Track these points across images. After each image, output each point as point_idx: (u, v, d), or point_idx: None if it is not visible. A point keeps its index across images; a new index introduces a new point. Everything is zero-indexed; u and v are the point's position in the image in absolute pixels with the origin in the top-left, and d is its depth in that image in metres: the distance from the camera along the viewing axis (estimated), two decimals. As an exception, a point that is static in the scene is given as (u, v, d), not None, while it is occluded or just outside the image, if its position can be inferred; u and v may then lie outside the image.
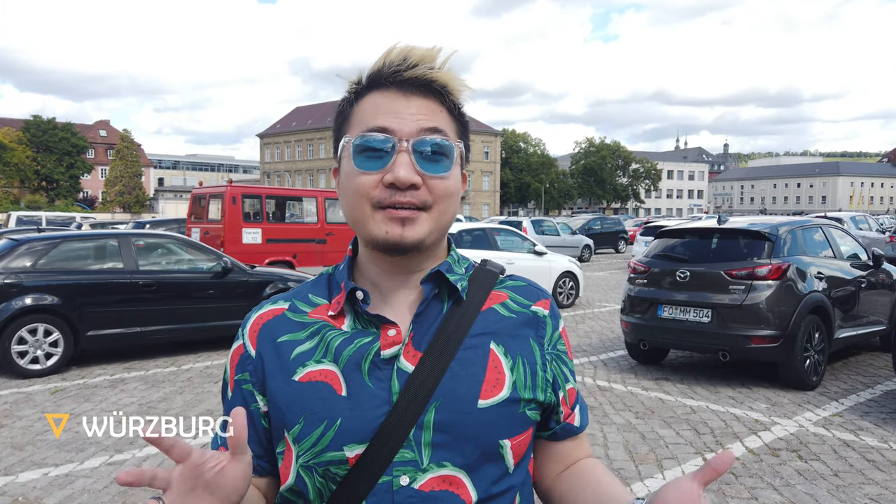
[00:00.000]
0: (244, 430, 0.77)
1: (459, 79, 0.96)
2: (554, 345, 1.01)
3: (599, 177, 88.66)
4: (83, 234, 8.44)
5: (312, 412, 0.91)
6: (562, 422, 1.03)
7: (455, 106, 0.97)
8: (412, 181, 0.89)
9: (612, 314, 11.41)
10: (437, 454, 0.89)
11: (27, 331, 6.97)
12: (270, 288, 8.49)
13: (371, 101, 0.94)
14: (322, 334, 0.95)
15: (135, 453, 4.75)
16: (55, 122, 71.60)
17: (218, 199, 12.91)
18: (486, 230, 12.30)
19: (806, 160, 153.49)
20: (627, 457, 4.67)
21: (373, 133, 0.91)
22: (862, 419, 5.47)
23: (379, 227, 0.91)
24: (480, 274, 1.02)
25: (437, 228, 0.93)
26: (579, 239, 24.18)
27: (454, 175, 0.94)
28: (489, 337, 0.96)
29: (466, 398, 0.91)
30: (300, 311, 0.99)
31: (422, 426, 0.89)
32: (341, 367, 0.92)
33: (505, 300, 1.01)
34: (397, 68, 0.93)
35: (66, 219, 27.13)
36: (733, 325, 6.33)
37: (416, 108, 0.92)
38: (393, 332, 0.93)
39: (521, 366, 0.96)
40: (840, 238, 7.61)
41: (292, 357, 0.95)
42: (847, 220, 18.63)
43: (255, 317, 1.01)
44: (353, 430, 0.89)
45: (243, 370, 0.98)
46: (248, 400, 0.97)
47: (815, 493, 4.04)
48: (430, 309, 0.96)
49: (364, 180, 0.91)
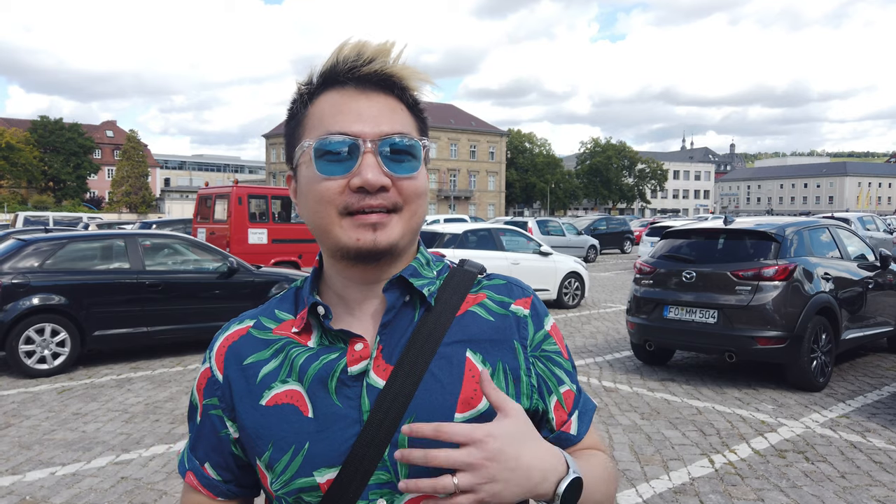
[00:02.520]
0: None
1: (419, 72, 0.90)
2: (538, 345, 0.94)
3: (605, 177, 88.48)
4: (90, 235, 8.47)
5: (280, 437, 0.86)
6: (556, 430, 0.95)
7: (415, 102, 0.91)
8: (381, 183, 0.83)
9: (618, 315, 11.38)
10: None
11: (34, 331, 7.00)
12: (276, 288, 8.52)
13: (328, 100, 0.88)
14: (286, 352, 0.90)
15: (141, 453, 4.77)
16: (62, 123, 71.81)
17: (224, 200, 12.95)
18: (492, 230, 12.28)
19: (813, 160, 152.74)
20: (633, 458, 4.65)
21: (334, 135, 0.85)
22: (869, 421, 5.44)
23: (348, 234, 0.85)
24: (456, 276, 0.95)
25: (409, 230, 0.88)
26: (585, 239, 24.12)
27: (422, 174, 0.89)
28: (465, 345, 0.90)
29: (442, 412, 0.85)
30: (265, 327, 0.94)
31: (396, 444, 0.83)
32: (306, 386, 0.87)
33: (483, 300, 0.94)
34: (353, 64, 0.87)
35: (72, 219, 27.19)
36: (739, 326, 6.31)
37: (377, 106, 0.87)
38: (360, 346, 0.87)
39: (502, 373, 0.90)
40: (847, 239, 7.58)
41: (259, 380, 0.90)
42: (854, 220, 18.51)
43: (221, 338, 0.96)
44: (322, 454, 0.84)
45: (211, 395, 0.93)
46: (217, 426, 0.93)
47: (822, 494, 4.02)
48: (400, 318, 0.90)
49: (328, 186, 0.84)
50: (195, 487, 0.95)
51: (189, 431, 0.98)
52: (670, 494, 4.05)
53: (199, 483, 0.94)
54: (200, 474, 0.94)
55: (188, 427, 0.98)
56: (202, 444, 0.95)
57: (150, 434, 5.19)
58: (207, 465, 0.94)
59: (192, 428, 0.97)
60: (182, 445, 4.89)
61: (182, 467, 0.97)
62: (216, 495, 0.94)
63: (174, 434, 5.20)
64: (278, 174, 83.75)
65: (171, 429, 5.33)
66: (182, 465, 0.97)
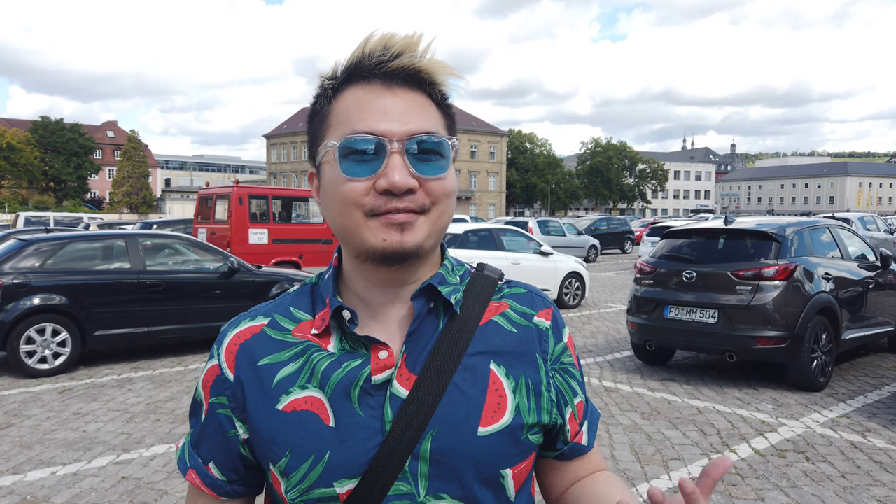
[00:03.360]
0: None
1: (448, 66, 0.86)
2: (557, 358, 0.94)
3: (606, 177, 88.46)
4: (91, 235, 8.47)
5: (298, 445, 0.84)
6: (570, 441, 0.96)
7: (443, 97, 0.88)
8: (409, 185, 0.80)
9: (619, 315, 11.38)
10: (434, 486, 0.83)
11: (35, 330, 7.01)
12: (276, 288, 8.53)
13: (352, 96, 0.84)
14: (307, 356, 0.87)
15: (142, 452, 4.78)
16: (63, 123, 71.83)
17: (224, 200, 12.95)
18: (492, 230, 12.29)
19: (814, 160, 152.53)
20: (633, 458, 4.66)
21: (360, 135, 0.81)
22: (869, 420, 5.44)
23: (375, 235, 0.82)
24: (477, 282, 0.93)
25: (435, 231, 0.85)
26: (585, 239, 24.13)
27: (450, 174, 0.86)
28: (489, 356, 0.88)
29: (465, 425, 0.84)
30: (282, 328, 0.90)
31: (418, 456, 0.82)
32: (328, 394, 0.85)
33: (505, 310, 0.93)
34: (380, 59, 0.83)
35: (73, 219, 27.21)
36: (740, 326, 6.31)
37: (404, 103, 0.83)
38: (384, 354, 0.85)
39: (525, 388, 0.89)
40: (848, 239, 7.58)
41: (275, 383, 0.87)
42: (855, 220, 18.52)
43: (232, 334, 0.92)
44: (343, 465, 0.82)
45: (219, 394, 0.90)
46: (224, 426, 0.89)
47: (822, 494, 4.02)
48: (424, 326, 0.88)
49: (353, 187, 0.81)
50: (198, 487, 0.92)
51: (191, 427, 0.94)
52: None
53: (202, 482, 0.92)
54: (203, 473, 0.92)
55: (190, 423, 0.95)
56: (206, 442, 0.92)
57: (151, 434, 5.20)
58: (212, 464, 0.91)
59: (194, 424, 0.94)
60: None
61: (182, 464, 0.94)
62: (220, 495, 0.92)
63: (175, 434, 5.20)
64: (279, 174, 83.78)
65: (172, 429, 5.34)
66: (182, 461, 0.94)
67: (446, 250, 0.95)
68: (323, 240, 13.29)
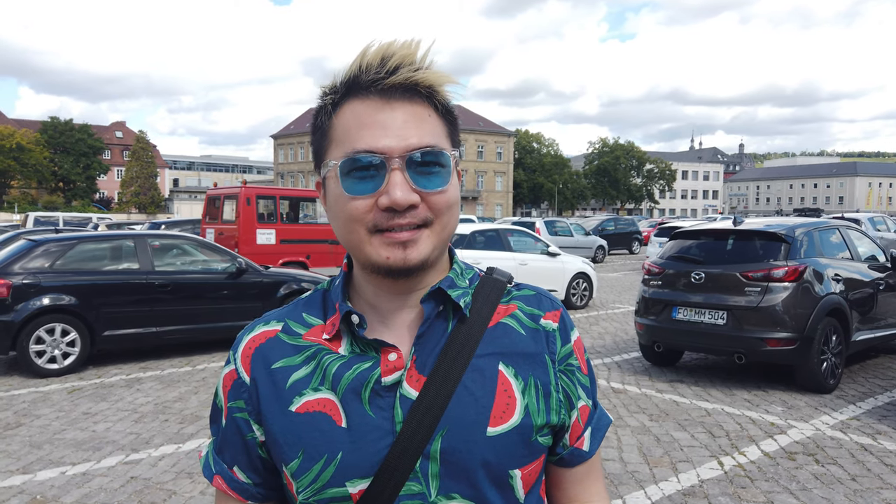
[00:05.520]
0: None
1: (446, 75, 0.86)
2: (563, 359, 0.94)
3: (613, 177, 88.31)
4: (99, 235, 8.52)
5: (311, 446, 0.85)
6: (569, 446, 0.96)
7: (443, 105, 0.87)
8: (410, 202, 0.81)
9: (626, 315, 11.35)
10: (445, 485, 0.84)
11: (45, 330, 7.05)
12: (284, 289, 8.55)
13: (351, 111, 0.84)
14: (318, 359, 0.89)
15: (150, 452, 4.79)
16: (72, 124, 72.25)
17: (232, 200, 13.00)
18: (500, 231, 12.27)
19: (823, 160, 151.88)
20: (642, 459, 4.64)
21: (360, 153, 0.82)
22: (880, 423, 5.40)
23: (378, 252, 0.83)
24: (486, 285, 0.95)
25: (439, 243, 0.86)
26: (593, 240, 24.09)
27: (453, 185, 0.86)
28: (497, 357, 0.89)
29: (474, 425, 0.85)
30: (294, 332, 0.92)
31: (428, 456, 0.84)
32: (340, 395, 0.86)
33: (514, 312, 0.94)
34: (376, 75, 0.83)
35: (82, 219, 27.38)
36: (749, 328, 6.27)
37: (404, 116, 0.83)
38: (394, 356, 0.87)
39: (534, 388, 0.90)
40: (857, 239, 7.53)
41: (288, 385, 0.89)
42: (865, 221, 18.40)
43: (247, 339, 0.94)
44: (355, 465, 0.84)
45: (237, 397, 0.92)
46: (242, 429, 0.91)
47: (832, 497, 3.99)
48: (433, 329, 0.89)
49: (356, 205, 0.83)
50: (225, 492, 0.94)
51: (213, 434, 0.96)
52: (679, 496, 4.03)
53: (229, 487, 0.93)
54: (229, 478, 0.93)
55: (211, 430, 0.97)
56: (229, 447, 0.93)
57: (160, 434, 5.22)
58: (236, 468, 0.93)
59: (216, 431, 0.95)
60: (191, 445, 4.91)
61: (208, 471, 0.95)
62: (246, 499, 0.93)
63: (183, 434, 5.22)
64: (286, 175, 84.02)
65: (181, 429, 5.35)
66: (208, 468, 0.95)
67: (455, 254, 0.97)
68: (330, 240, 13.30)
